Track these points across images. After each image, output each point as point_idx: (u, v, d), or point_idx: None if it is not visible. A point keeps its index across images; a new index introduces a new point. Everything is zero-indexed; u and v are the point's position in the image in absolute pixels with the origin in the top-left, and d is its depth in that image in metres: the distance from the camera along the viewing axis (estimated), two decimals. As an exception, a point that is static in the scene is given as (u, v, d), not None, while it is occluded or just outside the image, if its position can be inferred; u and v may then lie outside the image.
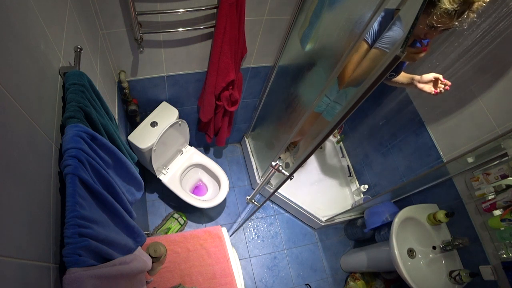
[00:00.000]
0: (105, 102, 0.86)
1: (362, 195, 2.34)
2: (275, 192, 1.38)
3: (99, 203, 0.68)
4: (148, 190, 2.28)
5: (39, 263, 0.54)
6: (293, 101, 1.74)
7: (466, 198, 1.55)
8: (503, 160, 1.35)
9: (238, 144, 2.68)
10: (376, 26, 1.22)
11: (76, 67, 0.77)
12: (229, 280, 1.48)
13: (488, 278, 1.45)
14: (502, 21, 1.29)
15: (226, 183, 2.02)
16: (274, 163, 1.24)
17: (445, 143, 1.62)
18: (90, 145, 0.66)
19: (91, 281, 0.55)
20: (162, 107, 1.78)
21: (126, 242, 0.76)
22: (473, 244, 1.53)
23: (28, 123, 0.55)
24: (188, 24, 1.34)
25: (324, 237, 2.41)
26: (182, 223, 2.17)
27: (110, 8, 1.17)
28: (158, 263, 1.38)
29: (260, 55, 1.67)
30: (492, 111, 1.38)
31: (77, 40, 0.92)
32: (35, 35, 0.63)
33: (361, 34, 1.08)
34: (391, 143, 2.00)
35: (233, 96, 1.70)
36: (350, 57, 1.23)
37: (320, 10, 1.30)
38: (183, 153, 2.08)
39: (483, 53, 1.40)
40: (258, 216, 2.40)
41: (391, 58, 0.62)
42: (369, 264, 2.03)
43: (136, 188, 0.95)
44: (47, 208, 0.60)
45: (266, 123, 2.22)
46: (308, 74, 1.56)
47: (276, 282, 2.17)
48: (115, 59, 1.41)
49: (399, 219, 1.63)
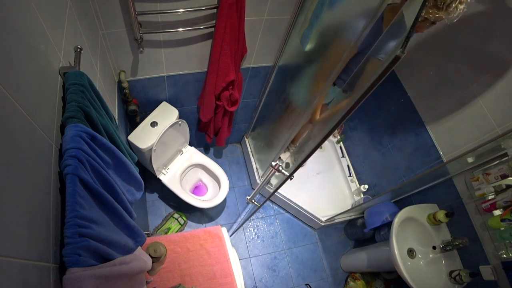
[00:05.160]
0: (105, 102, 0.86)
1: (362, 195, 2.34)
2: (275, 192, 1.38)
3: (99, 203, 0.68)
4: (148, 190, 2.28)
5: (39, 263, 0.54)
6: (293, 101, 1.74)
7: (466, 198, 1.55)
8: (503, 160, 1.35)
9: (238, 144, 2.67)
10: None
11: (76, 67, 0.77)
12: (229, 280, 1.48)
13: (488, 278, 1.45)
14: (502, 21, 1.29)
15: (226, 183, 2.02)
16: (274, 163, 1.24)
17: (445, 143, 1.62)
18: (90, 145, 0.66)
19: (91, 281, 0.55)
20: (162, 107, 1.78)
21: (126, 242, 0.76)
22: (473, 244, 1.53)
23: (28, 123, 0.55)
24: (188, 24, 1.34)
25: (324, 237, 2.41)
26: (182, 223, 2.17)
27: (110, 8, 1.17)
28: (158, 263, 1.38)
29: (260, 55, 1.67)
30: (492, 111, 1.38)
31: (77, 40, 0.92)
32: (35, 35, 0.63)
33: (361, 34, 1.08)
34: (391, 143, 2.00)
35: (233, 96, 1.70)
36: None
37: (320, 10, 1.30)
38: (183, 153, 2.08)
39: (483, 53, 1.40)
40: (258, 216, 2.40)
41: (391, 58, 0.62)
42: (369, 264, 2.03)
43: (136, 188, 0.95)
44: (47, 208, 0.60)
45: (266, 123, 2.22)
46: (308, 74, 1.56)
47: (276, 282, 2.17)
48: (115, 59, 1.41)
49: (399, 219, 1.63)
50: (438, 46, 1.58)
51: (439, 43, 1.57)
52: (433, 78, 1.65)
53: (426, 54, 1.66)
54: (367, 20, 1.04)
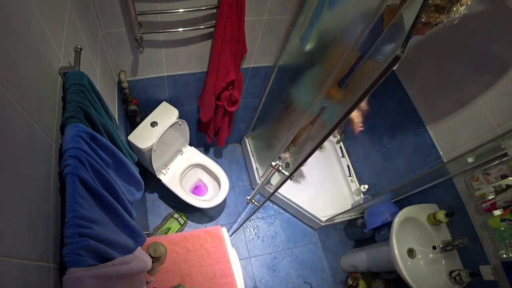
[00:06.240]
0: (105, 102, 0.86)
1: (362, 195, 2.34)
2: (275, 192, 1.38)
3: (99, 203, 0.68)
4: (148, 190, 2.28)
5: (39, 263, 0.54)
6: (293, 101, 1.74)
7: (466, 198, 1.55)
8: (503, 160, 1.35)
9: (238, 144, 2.67)
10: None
11: (76, 67, 0.77)
12: (229, 280, 1.48)
13: (488, 278, 1.45)
14: (502, 21, 1.29)
15: (226, 183, 2.02)
16: (274, 163, 1.24)
17: (445, 143, 1.62)
18: (90, 145, 0.66)
19: (91, 281, 0.55)
20: (162, 107, 1.78)
21: (126, 242, 0.76)
22: (473, 244, 1.53)
23: (28, 123, 0.55)
24: (188, 24, 1.34)
25: (324, 237, 2.41)
26: (182, 223, 2.17)
27: (110, 8, 1.17)
28: (158, 263, 1.38)
29: (260, 55, 1.67)
30: (492, 111, 1.38)
31: (77, 40, 0.92)
32: (35, 35, 0.63)
33: (360, 35, 1.08)
34: (391, 143, 2.00)
35: (233, 96, 1.70)
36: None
37: (320, 10, 1.30)
38: (183, 153, 2.08)
39: (483, 53, 1.40)
40: (258, 216, 2.40)
41: (391, 58, 0.62)
42: (369, 264, 2.03)
43: (136, 188, 0.95)
44: (47, 208, 0.60)
45: (266, 123, 2.22)
46: (308, 74, 1.56)
47: (276, 282, 2.17)
48: (115, 59, 1.41)
49: (399, 219, 1.63)
50: (438, 46, 1.58)
51: (439, 43, 1.57)
52: (433, 78, 1.65)
53: (426, 54, 1.66)
54: (366, 20, 1.04)
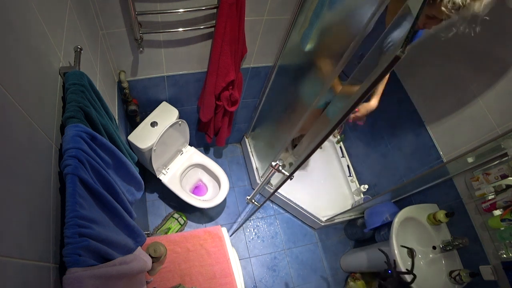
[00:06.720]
0: (105, 102, 0.86)
1: (362, 195, 2.34)
2: (275, 192, 1.38)
3: (99, 203, 0.68)
4: (148, 190, 2.28)
5: (39, 263, 0.54)
6: (293, 101, 1.74)
7: (466, 198, 1.55)
8: (503, 160, 1.35)
9: (238, 144, 2.67)
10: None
11: (76, 67, 0.77)
12: (229, 280, 1.48)
13: (488, 278, 1.45)
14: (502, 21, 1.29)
15: (226, 183, 2.02)
16: (274, 163, 1.24)
17: (445, 143, 1.62)
18: (90, 145, 0.66)
19: (91, 281, 0.55)
20: (162, 107, 1.78)
21: (126, 242, 0.76)
22: (473, 244, 1.53)
23: (28, 123, 0.55)
24: (188, 24, 1.34)
25: (324, 237, 2.41)
26: (182, 223, 2.17)
27: (110, 8, 1.17)
28: (158, 263, 1.38)
29: (260, 55, 1.67)
30: (492, 111, 1.38)
31: (77, 40, 0.92)
32: (35, 35, 0.63)
33: (360, 34, 1.08)
34: (391, 143, 2.00)
35: (233, 96, 1.70)
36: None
37: (320, 10, 1.30)
38: (183, 153, 2.08)
39: (483, 53, 1.40)
40: (258, 216, 2.40)
41: (391, 58, 0.62)
42: (369, 264, 2.03)
43: (136, 188, 0.95)
44: (47, 208, 0.60)
45: (266, 123, 2.22)
46: (308, 74, 1.56)
47: (276, 282, 2.17)
48: (115, 59, 1.41)
49: (399, 219, 1.63)
50: (439, 46, 1.58)
51: (439, 43, 1.57)
52: (433, 78, 1.65)
53: (426, 54, 1.66)
54: (366, 20, 1.04)
